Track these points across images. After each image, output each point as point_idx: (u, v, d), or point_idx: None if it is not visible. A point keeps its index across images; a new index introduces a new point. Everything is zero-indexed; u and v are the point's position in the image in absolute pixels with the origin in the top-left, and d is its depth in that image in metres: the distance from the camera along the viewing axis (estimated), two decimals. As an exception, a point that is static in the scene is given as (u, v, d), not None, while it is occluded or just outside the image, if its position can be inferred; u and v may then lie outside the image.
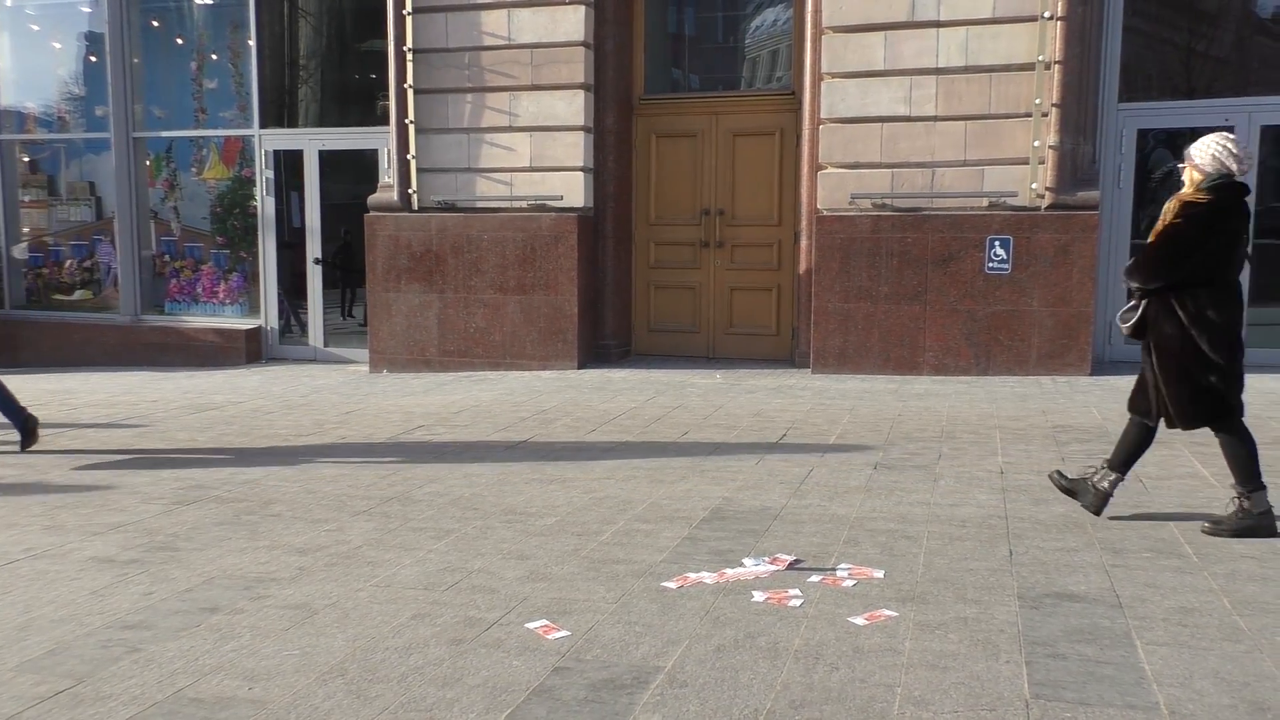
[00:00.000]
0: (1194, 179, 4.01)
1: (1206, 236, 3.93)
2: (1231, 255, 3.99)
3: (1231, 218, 3.97)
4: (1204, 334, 3.95)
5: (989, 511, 4.47)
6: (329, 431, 6.83)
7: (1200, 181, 3.98)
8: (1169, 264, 3.97)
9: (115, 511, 4.81)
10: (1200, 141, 4.03)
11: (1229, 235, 3.96)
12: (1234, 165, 3.94)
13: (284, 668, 2.99)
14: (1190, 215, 3.94)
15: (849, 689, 2.77)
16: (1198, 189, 3.98)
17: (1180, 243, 3.94)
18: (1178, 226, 3.96)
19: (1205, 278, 3.96)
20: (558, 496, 4.93)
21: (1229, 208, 3.96)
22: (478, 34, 9.17)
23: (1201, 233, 3.93)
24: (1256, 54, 8.70)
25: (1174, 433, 5.99)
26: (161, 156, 11.16)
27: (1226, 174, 3.95)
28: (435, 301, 9.46)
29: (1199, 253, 3.93)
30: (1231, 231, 3.97)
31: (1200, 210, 3.94)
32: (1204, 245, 3.93)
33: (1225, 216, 3.95)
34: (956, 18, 8.04)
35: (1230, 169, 3.94)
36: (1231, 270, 4.01)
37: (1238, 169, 3.95)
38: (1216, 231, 3.94)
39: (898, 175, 8.29)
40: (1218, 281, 3.98)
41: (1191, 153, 4.03)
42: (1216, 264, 3.96)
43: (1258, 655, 2.94)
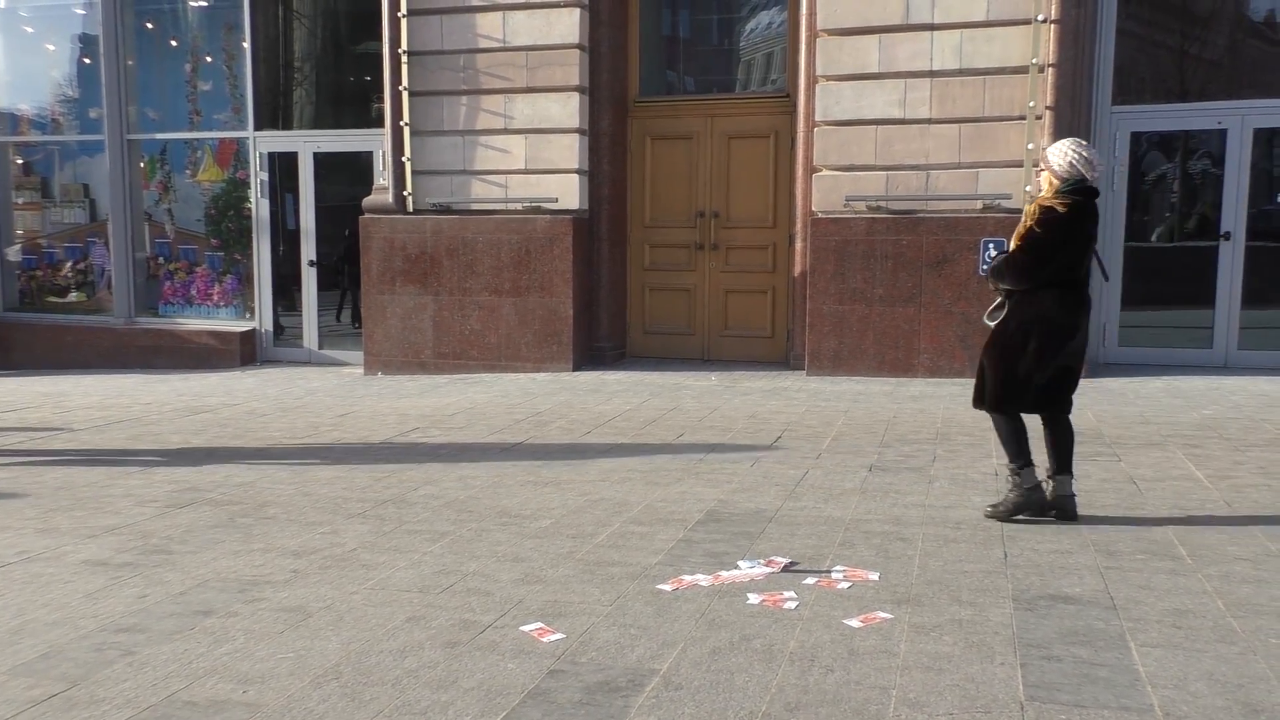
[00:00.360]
0: (1052, 183, 4.18)
1: (1066, 241, 4.13)
2: (1084, 258, 4.21)
3: (1086, 222, 4.15)
4: (1043, 331, 4.17)
5: (983, 513, 4.48)
6: (324, 434, 6.82)
7: (1058, 186, 4.15)
8: (1034, 268, 4.16)
9: (109, 514, 4.80)
10: (1056, 146, 4.21)
11: (1084, 239, 4.17)
12: (1088, 171, 4.12)
13: (278, 671, 2.98)
14: (1051, 221, 4.11)
15: (844, 691, 2.77)
16: (1056, 193, 4.15)
17: (1044, 247, 4.12)
18: (1041, 233, 4.13)
19: (1057, 280, 4.17)
20: (553, 499, 4.93)
21: (1084, 212, 4.14)
22: (473, 36, 9.17)
23: (1061, 237, 4.12)
24: (1249, 57, 8.73)
25: (1168, 437, 6.02)
26: (156, 159, 11.14)
27: (1081, 179, 4.13)
28: (430, 304, 9.45)
29: (1060, 256, 4.14)
30: (1086, 235, 4.17)
31: (1060, 216, 4.11)
32: (1064, 249, 4.13)
33: (1081, 221, 4.14)
34: (950, 21, 8.05)
35: (1084, 174, 4.12)
36: (1082, 272, 4.23)
37: (1091, 175, 4.14)
38: (1074, 236, 4.14)
39: (892, 178, 8.30)
40: (1069, 283, 4.19)
41: (1050, 157, 4.19)
42: (1071, 267, 4.17)
43: (1252, 657, 2.95)
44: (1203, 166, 8.76)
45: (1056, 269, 4.15)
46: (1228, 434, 6.03)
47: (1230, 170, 8.32)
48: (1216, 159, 8.48)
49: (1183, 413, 6.70)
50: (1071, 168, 4.12)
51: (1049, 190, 4.19)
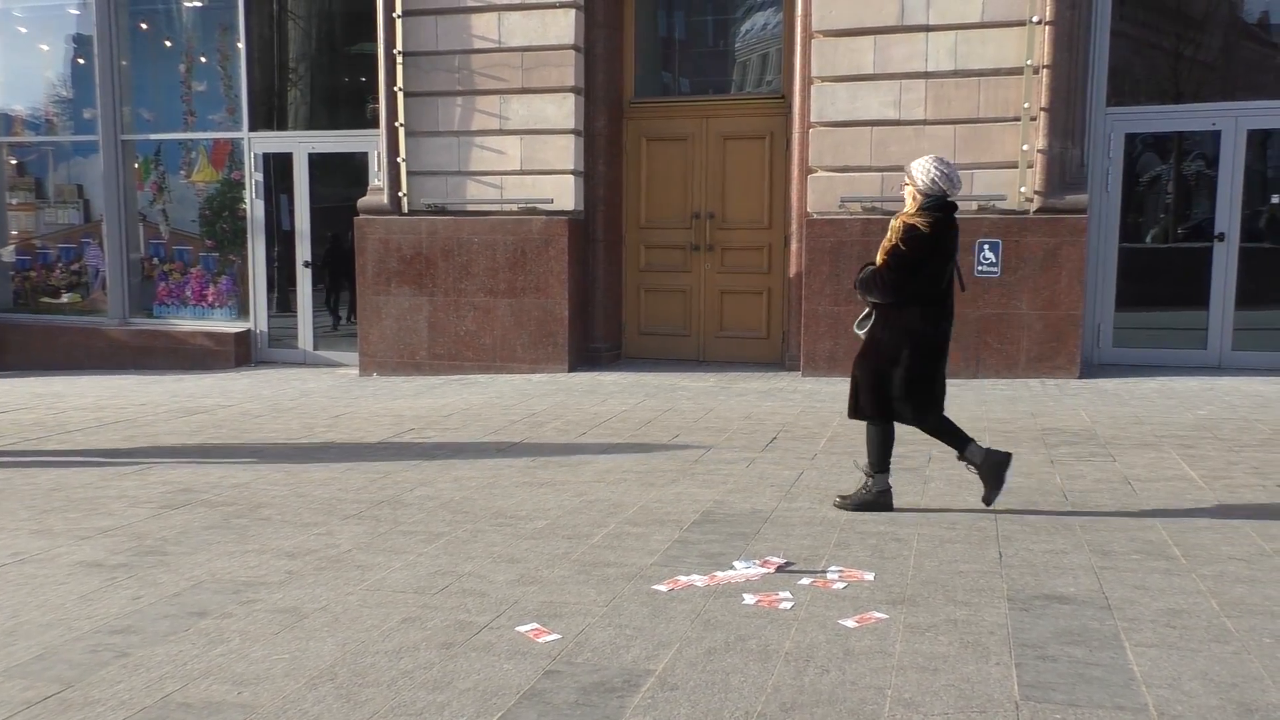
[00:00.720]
0: (915, 199, 4.36)
1: (929, 256, 4.31)
2: (944, 272, 4.40)
3: (946, 236, 4.35)
4: (910, 345, 4.39)
5: (978, 514, 4.49)
6: (319, 435, 6.81)
7: (921, 202, 4.34)
8: (901, 282, 4.35)
9: (103, 515, 4.79)
10: (919, 163, 4.38)
11: (945, 253, 4.36)
12: (948, 187, 4.32)
13: (273, 672, 2.98)
14: (915, 237, 4.30)
15: (840, 691, 2.78)
16: (919, 209, 4.34)
17: (910, 263, 4.32)
18: (906, 249, 4.31)
19: (924, 293, 4.37)
20: (548, 500, 4.92)
21: (946, 227, 4.35)
22: (468, 37, 9.17)
23: (925, 253, 4.31)
24: (1243, 59, 8.76)
25: (1162, 438, 6.04)
26: (150, 159, 11.12)
27: (942, 195, 4.33)
28: (425, 305, 9.45)
29: (923, 270, 4.33)
30: (946, 249, 4.37)
31: (923, 232, 4.30)
32: (928, 263, 4.32)
33: (943, 236, 4.34)
34: (945, 22, 8.07)
35: (945, 190, 4.32)
36: (944, 285, 4.43)
37: (951, 190, 4.34)
38: (937, 251, 4.33)
39: (887, 179, 8.31)
40: (933, 296, 4.39)
41: (913, 173, 4.37)
42: (934, 281, 4.37)
43: (1246, 656, 2.96)
44: (1197, 168, 8.79)
45: (921, 283, 4.35)
46: (1222, 434, 6.05)
47: (1224, 171, 8.34)
48: (1210, 160, 8.50)
49: (1177, 413, 6.72)
50: (933, 184, 4.30)
51: (912, 206, 4.37)
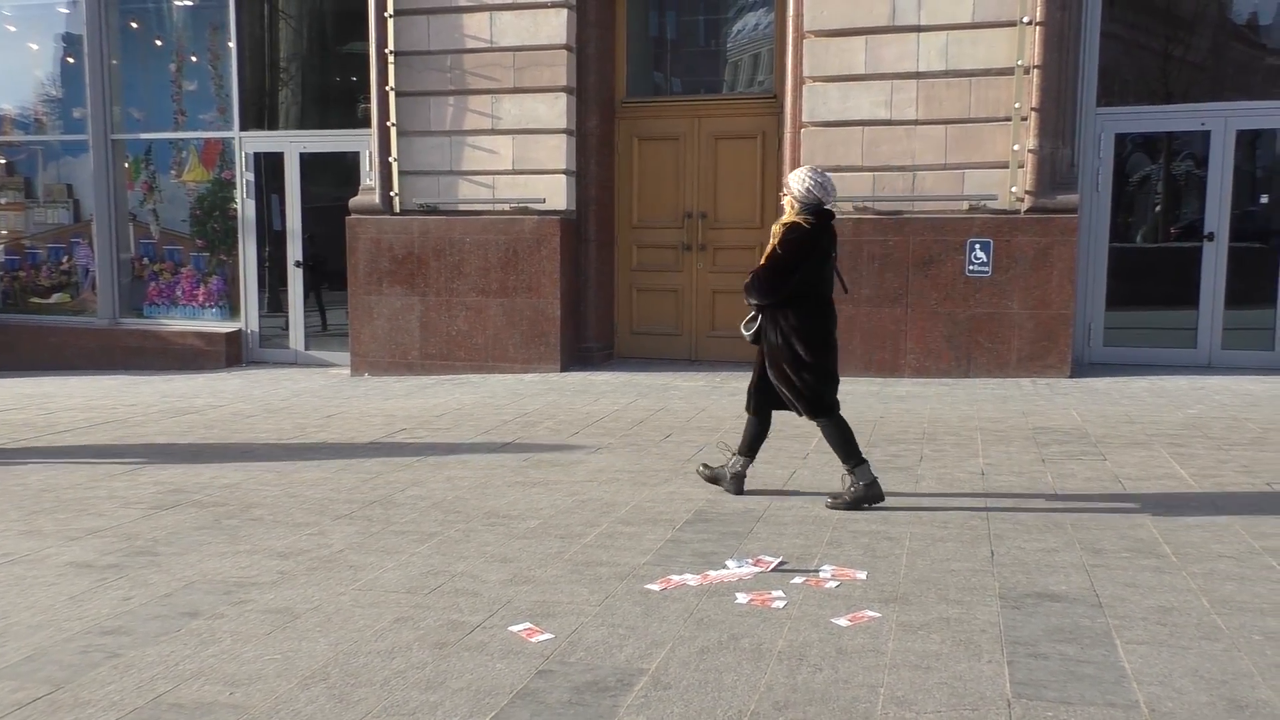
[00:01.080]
0: (793, 206, 4.61)
1: (805, 258, 4.55)
2: (822, 273, 4.65)
3: (822, 240, 4.60)
4: (799, 341, 4.60)
5: (970, 512, 4.50)
6: (310, 435, 6.79)
7: (798, 209, 4.58)
8: (779, 284, 4.58)
9: (93, 516, 4.77)
10: (795, 174, 4.64)
11: (821, 256, 4.60)
12: (823, 195, 4.57)
13: (265, 672, 2.97)
14: (791, 240, 4.55)
15: (832, 690, 2.78)
16: (796, 215, 4.58)
17: (786, 265, 4.56)
18: (784, 252, 4.56)
19: (803, 293, 4.61)
20: (541, 499, 4.92)
21: (821, 232, 4.59)
22: (459, 36, 9.16)
23: (801, 255, 4.55)
24: (1232, 59, 8.80)
25: (1153, 437, 6.07)
26: (140, 159, 11.08)
27: (818, 202, 4.56)
28: (417, 304, 9.43)
29: (799, 272, 4.56)
30: (823, 252, 4.61)
31: (798, 236, 4.55)
32: (803, 266, 4.56)
33: (819, 239, 4.58)
34: (936, 22, 8.09)
35: (820, 198, 4.56)
36: (823, 286, 4.68)
37: (826, 198, 4.58)
38: (813, 253, 4.57)
39: (879, 179, 8.33)
40: (812, 296, 4.63)
41: (791, 183, 4.63)
42: (811, 282, 4.61)
43: (1236, 654, 2.97)
44: (1186, 168, 8.83)
45: (800, 284, 4.58)
46: (1212, 433, 6.08)
47: (1214, 171, 8.38)
48: (1200, 160, 8.54)
49: (1167, 412, 6.75)
50: (809, 193, 4.55)
51: (790, 214, 4.62)
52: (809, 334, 4.61)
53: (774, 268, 4.58)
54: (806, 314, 4.62)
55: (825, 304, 4.68)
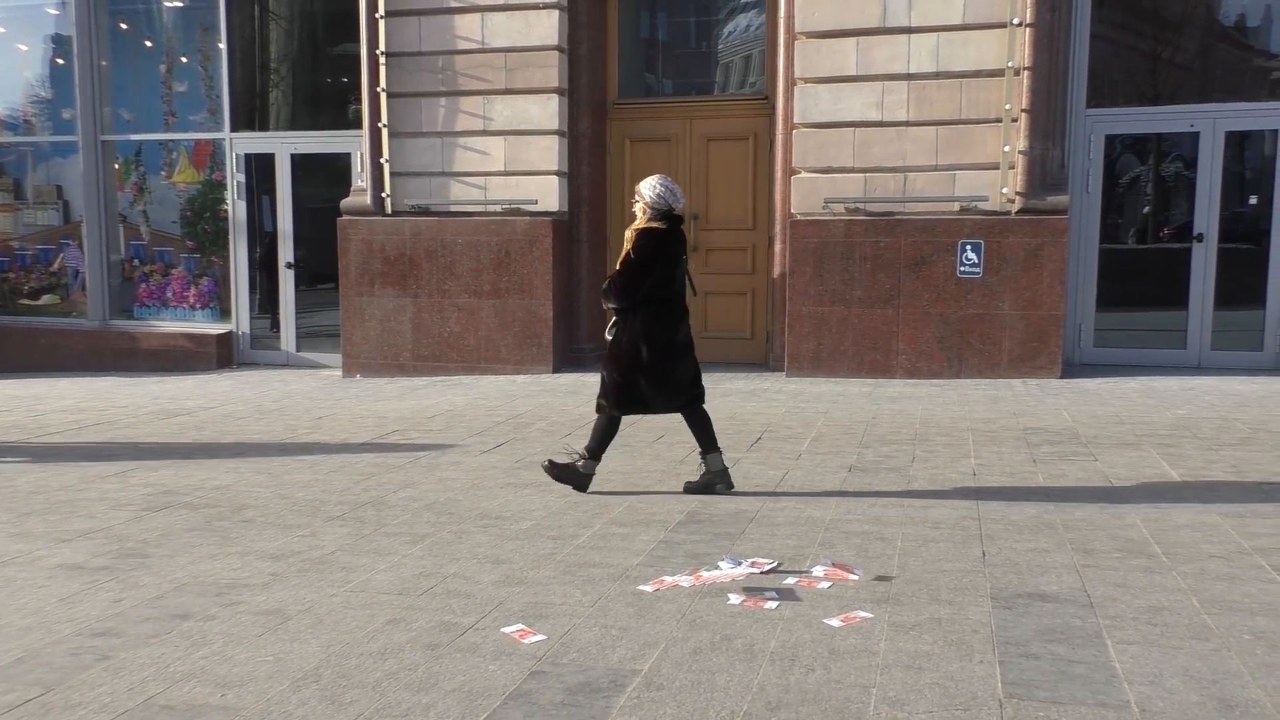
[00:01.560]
0: (644, 212, 4.81)
1: (656, 263, 4.76)
2: (673, 276, 4.85)
3: (673, 244, 4.81)
4: (644, 344, 4.80)
5: (962, 513, 4.51)
6: (302, 436, 6.77)
7: (649, 215, 4.79)
8: (635, 285, 4.78)
9: (84, 518, 4.75)
10: (646, 182, 4.85)
11: (673, 259, 4.81)
12: (673, 201, 4.79)
13: (257, 674, 2.96)
14: (643, 245, 4.75)
15: (825, 690, 2.79)
16: (648, 221, 4.78)
17: (639, 269, 4.76)
18: (636, 257, 4.76)
19: (654, 296, 4.80)
20: (533, 501, 4.92)
21: (671, 237, 4.80)
22: (451, 38, 9.15)
23: (652, 258, 4.75)
24: (1221, 61, 8.85)
25: (1143, 437, 6.10)
26: (130, 160, 11.04)
27: (668, 208, 4.78)
28: (409, 306, 9.42)
29: (651, 276, 4.76)
30: (674, 256, 4.81)
31: (650, 241, 4.76)
32: (654, 270, 4.76)
33: (669, 243, 4.79)
34: (927, 24, 8.11)
35: (670, 204, 4.78)
36: (674, 288, 4.89)
37: (675, 204, 4.80)
38: (663, 258, 4.77)
39: (870, 180, 8.35)
40: (662, 299, 4.83)
41: (642, 191, 4.83)
42: (661, 285, 4.81)
43: (1226, 653, 2.99)
44: (1175, 169, 8.87)
45: (652, 286, 4.78)
46: (1201, 433, 6.10)
47: (1202, 173, 8.42)
48: (1189, 162, 8.58)
49: (1157, 412, 6.78)
50: (659, 199, 4.77)
51: (642, 219, 4.82)
52: (655, 338, 4.83)
53: (629, 270, 4.78)
54: (655, 317, 4.83)
55: (675, 306, 4.91)
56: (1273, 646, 3.02)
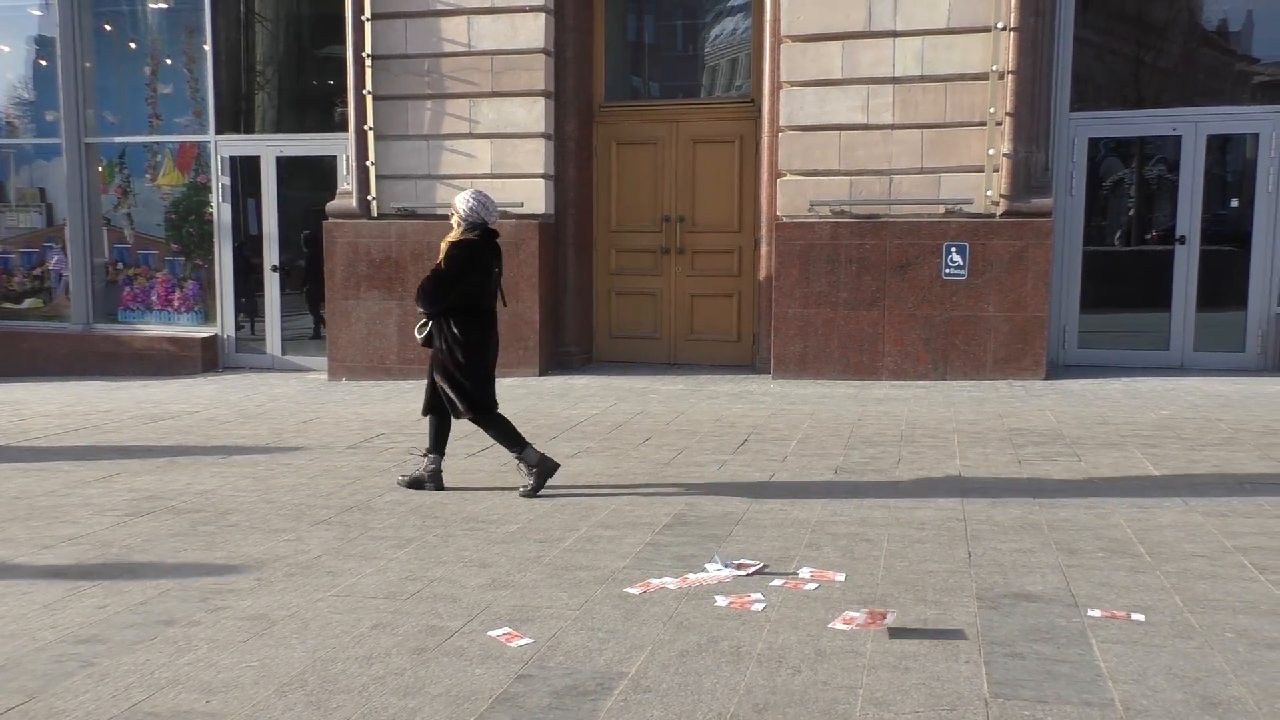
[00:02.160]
0: (458, 224, 5.04)
1: (466, 272, 4.96)
2: (484, 286, 5.06)
3: (484, 255, 5.03)
4: (459, 348, 5.02)
5: (948, 514, 4.53)
6: (287, 440, 6.75)
7: (463, 227, 5.01)
8: (442, 293, 4.99)
9: (67, 524, 4.72)
10: (461, 195, 5.08)
11: (484, 270, 5.02)
12: (485, 214, 5.01)
13: (242, 680, 2.95)
14: (453, 256, 4.97)
15: (811, 691, 2.79)
16: (462, 234, 5.00)
17: (448, 277, 4.97)
18: (445, 266, 4.97)
19: (465, 304, 5.01)
20: (519, 503, 4.91)
21: (483, 248, 5.01)
22: (437, 40, 9.14)
23: (461, 268, 4.96)
24: (1203, 65, 8.92)
25: (1126, 437, 6.13)
26: (114, 162, 10.98)
27: (481, 221, 5.00)
28: (395, 309, 9.39)
29: (461, 284, 4.97)
30: (484, 267, 5.03)
31: (461, 251, 4.97)
32: (465, 278, 4.96)
33: (480, 254, 5.00)
34: (912, 28, 8.14)
35: (482, 217, 5.00)
36: (484, 299, 5.09)
37: (488, 217, 5.02)
38: (474, 267, 4.98)
39: (856, 182, 8.38)
40: (472, 308, 5.04)
41: (457, 204, 5.06)
42: (472, 294, 5.02)
43: (1209, 651, 3.01)
44: (1158, 172, 8.93)
45: (461, 296, 4.99)
46: (1184, 434, 6.15)
47: (1185, 175, 8.49)
48: (1172, 164, 8.65)
49: (1140, 413, 6.82)
50: (472, 212, 4.99)
51: (456, 232, 5.03)
52: (468, 342, 5.03)
53: (437, 278, 5.00)
54: (467, 324, 5.04)
55: (485, 314, 5.12)
56: (1255, 644, 3.05)
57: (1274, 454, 5.55)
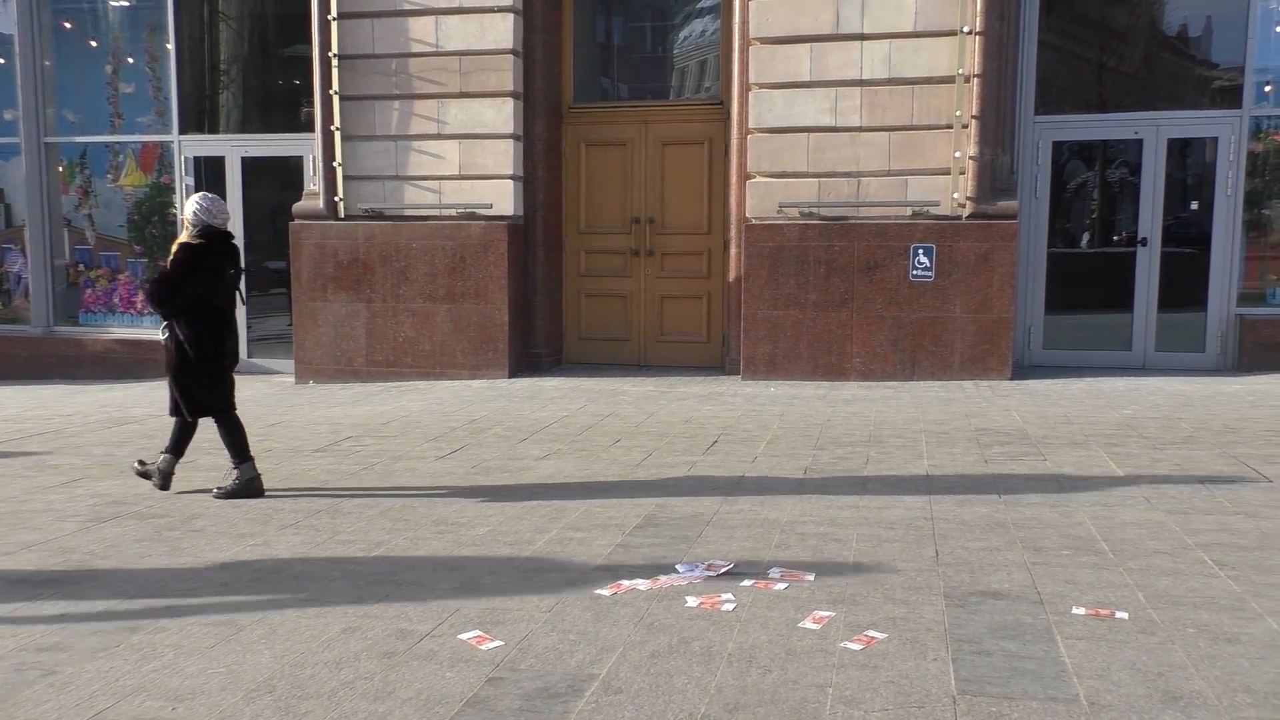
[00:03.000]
0: (187, 227, 5.20)
1: (194, 274, 5.08)
2: (216, 287, 5.19)
3: (213, 258, 5.14)
4: (192, 350, 5.13)
5: (916, 513, 4.57)
6: (253, 444, 6.65)
7: (191, 231, 5.15)
8: (167, 296, 5.12)
9: (28, 530, 4.64)
10: (190, 199, 5.24)
11: (212, 272, 5.14)
12: (209, 218, 5.14)
13: (209, 686, 2.91)
14: (179, 259, 5.10)
15: (782, 691, 2.81)
16: (190, 237, 5.14)
17: (171, 280, 5.11)
18: (172, 269, 5.11)
19: (196, 306, 5.12)
20: (489, 506, 4.89)
21: (211, 251, 5.14)
22: (405, 40, 9.08)
23: (190, 271, 5.08)
24: (1164, 70, 9.07)
25: (1090, 437, 6.22)
26: (75, 162, 10.81)
27: (205, 224, 5.14)
28: (363, 311, 9.32)
29: (189, 286, 5.09)
30: (214, 269, 5.15)
31: (185, 254, 5.09)
32: (193, 280, 5.08)
33: (208, 257, 5.12)
34: (879, 30, 8.21)
35: (206, 221, 5.14)
36: (217, 299, 5.21)
37: (213, 221, 5.15)
38: (202, 270, 5.09)
39: (824, 184, 8.43)
40: (204, 309, 5.15)
41: (186, 208, 5.23)
42: (203, 295, 5.13)
43: (1170, 647, 3.06)
44: (1121, 175, 9.07)
45: (193, 297, 5.10)
46: (1146, 433, 6.24)
47: (1146, 178, 8.63)
48: (1134, 167, 8.78)
49: (1104, 412, 6.92)
50: (195, 216, 5.13)
51: (185, 234, 5.18)
52: (198, 343, 5.13)
53: (163, 281, 5.14)
54: (199, 325, 5.13)
55: (218, 316, 5.21)
56: (1215, 639, 3.10)
57: (1233, 452, 5.65)
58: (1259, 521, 4.33)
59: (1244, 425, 6.37)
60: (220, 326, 5.24)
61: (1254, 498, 4.72)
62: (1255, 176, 8.58)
